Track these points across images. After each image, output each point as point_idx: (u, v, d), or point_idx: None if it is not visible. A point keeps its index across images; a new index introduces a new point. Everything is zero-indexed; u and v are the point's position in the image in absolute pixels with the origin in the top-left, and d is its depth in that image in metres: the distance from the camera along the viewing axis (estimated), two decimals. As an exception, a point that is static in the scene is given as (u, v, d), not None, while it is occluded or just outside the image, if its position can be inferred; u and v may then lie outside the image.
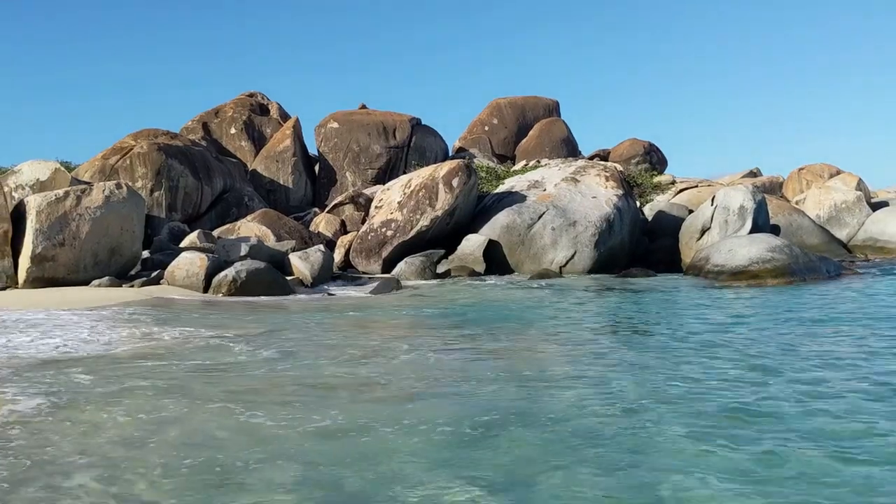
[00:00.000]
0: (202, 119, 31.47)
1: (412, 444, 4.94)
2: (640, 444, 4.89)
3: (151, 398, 6.19)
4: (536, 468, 4.47)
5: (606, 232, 20.23)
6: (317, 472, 4.47)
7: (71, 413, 5.74)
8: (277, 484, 4.27)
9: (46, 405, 5.92)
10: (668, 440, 4.95)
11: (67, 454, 4.78)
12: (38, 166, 19.02)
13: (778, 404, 5.79)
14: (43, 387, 6.55)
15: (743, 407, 5.70)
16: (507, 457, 4.70)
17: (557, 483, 4.24)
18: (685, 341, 8.99)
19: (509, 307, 13.13)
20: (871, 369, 7.05)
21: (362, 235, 21.02)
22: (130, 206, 16.94)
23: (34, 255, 15.57)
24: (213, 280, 15.76)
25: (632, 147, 35.92)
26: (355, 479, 4.34)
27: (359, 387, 6.68)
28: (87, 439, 5.10)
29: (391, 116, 31.14)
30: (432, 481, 4.25)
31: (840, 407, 5.68)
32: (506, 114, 36.74)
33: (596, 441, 4.94)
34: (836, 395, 6.05)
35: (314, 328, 10.59)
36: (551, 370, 7.36)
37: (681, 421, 5.36)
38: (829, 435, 5.01)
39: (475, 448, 4.87)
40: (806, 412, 5.57)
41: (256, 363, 7.84)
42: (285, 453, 4.78)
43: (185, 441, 5.06)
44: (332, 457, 4.71)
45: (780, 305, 12.68)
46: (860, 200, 25.65)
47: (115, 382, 6.77)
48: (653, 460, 4.58)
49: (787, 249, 17.60)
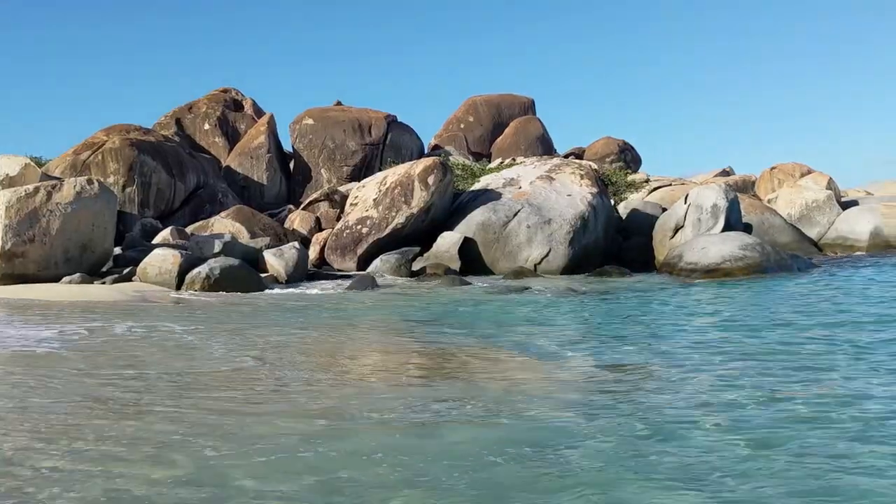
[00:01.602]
0: (175, 114, 31.18)
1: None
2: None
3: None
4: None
5: (581, 230, 20.31)
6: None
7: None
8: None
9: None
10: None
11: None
12: (8, 161, 18.75)
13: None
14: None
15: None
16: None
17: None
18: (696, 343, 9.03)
19: (490, 311, 12.98)
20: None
21: (337, 233, 20.94)
22: (102, 202, 16.75)
23: (3, 252, 15.35)
24: (187, 277, 15.63)
25: (606, 145, 36.17)
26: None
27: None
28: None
29: (367, 113, 31.04)
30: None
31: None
32: (481, 112, 36.79)
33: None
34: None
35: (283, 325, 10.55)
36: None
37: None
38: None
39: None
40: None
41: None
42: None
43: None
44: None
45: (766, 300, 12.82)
46: (830, 199, 25.95)
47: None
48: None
49: (758, 247, 17.80)
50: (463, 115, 36.84)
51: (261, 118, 30.72)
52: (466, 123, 36.46)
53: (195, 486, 4.06)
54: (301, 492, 4.00)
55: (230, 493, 3.98)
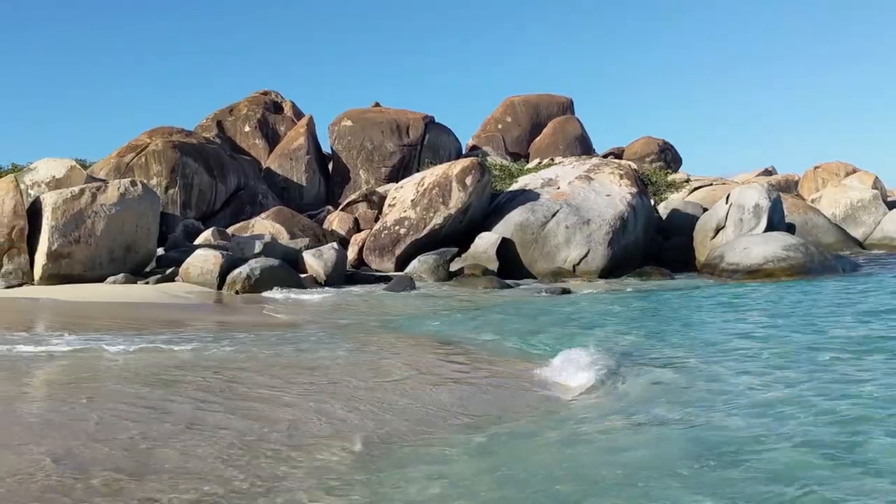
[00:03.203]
0: (216, 117, 31.61)
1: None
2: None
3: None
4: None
5: (620, 230, 20.14)
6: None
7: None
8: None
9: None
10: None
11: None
12: (54, 164, 19.15)
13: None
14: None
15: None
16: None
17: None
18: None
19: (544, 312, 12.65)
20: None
21: (376, 233, 21.03)
22: (145, 204, 17.03)
23: (50, 252, 15.68)
24: (228, 277, 15.83)
25: (646, 145, 35.85)
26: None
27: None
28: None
29: (405, 114, 31.16)
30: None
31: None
32: (519, 112, 36.71)
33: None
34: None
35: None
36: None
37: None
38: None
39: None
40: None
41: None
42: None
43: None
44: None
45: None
46: (876, 199, 25.47)
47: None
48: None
49: (802, 248, 17.50)
50: (501, 116, 36.79)
51: (300, 120, 31.00)
52: (504, 124, 36.41)
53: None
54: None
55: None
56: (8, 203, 15.92)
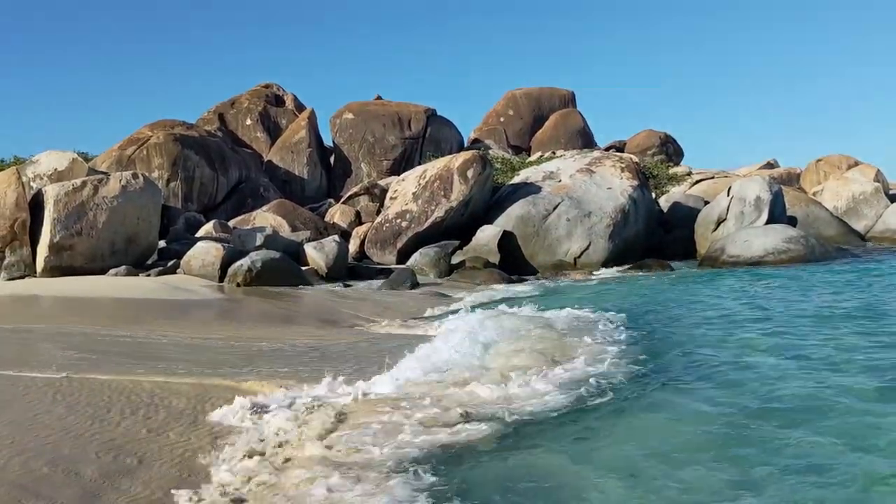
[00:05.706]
0: (218, 110, 31.62)
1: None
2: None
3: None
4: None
5: (621, 223, 20.16)
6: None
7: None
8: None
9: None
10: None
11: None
12: (56, 156, 19.18)
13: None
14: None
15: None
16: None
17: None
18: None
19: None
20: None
21: (377, 226, 21.05)
22: (147, 196, 17.05)
23: (52, 245, 15.71)
24: (229, 270, 15.82)
25: (648, 138, 35.80)
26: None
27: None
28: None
29: (406, 107, 31.14)
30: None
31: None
32: (521, 105, 36.68)
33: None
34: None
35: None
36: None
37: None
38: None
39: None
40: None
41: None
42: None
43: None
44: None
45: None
46: (878, 192, 25.44)
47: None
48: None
49: (802, 240, 17.53)
50: (503, 109, 36.76)
51: (301, 113, 31.00)
52: (506, 117, 36.38)
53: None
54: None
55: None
56: (10, 195, 15.95)
